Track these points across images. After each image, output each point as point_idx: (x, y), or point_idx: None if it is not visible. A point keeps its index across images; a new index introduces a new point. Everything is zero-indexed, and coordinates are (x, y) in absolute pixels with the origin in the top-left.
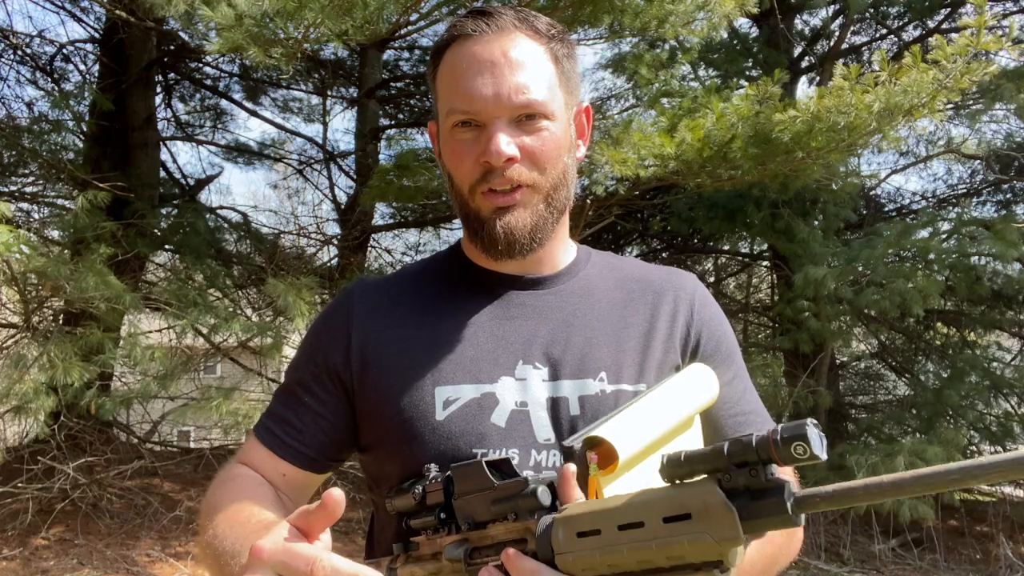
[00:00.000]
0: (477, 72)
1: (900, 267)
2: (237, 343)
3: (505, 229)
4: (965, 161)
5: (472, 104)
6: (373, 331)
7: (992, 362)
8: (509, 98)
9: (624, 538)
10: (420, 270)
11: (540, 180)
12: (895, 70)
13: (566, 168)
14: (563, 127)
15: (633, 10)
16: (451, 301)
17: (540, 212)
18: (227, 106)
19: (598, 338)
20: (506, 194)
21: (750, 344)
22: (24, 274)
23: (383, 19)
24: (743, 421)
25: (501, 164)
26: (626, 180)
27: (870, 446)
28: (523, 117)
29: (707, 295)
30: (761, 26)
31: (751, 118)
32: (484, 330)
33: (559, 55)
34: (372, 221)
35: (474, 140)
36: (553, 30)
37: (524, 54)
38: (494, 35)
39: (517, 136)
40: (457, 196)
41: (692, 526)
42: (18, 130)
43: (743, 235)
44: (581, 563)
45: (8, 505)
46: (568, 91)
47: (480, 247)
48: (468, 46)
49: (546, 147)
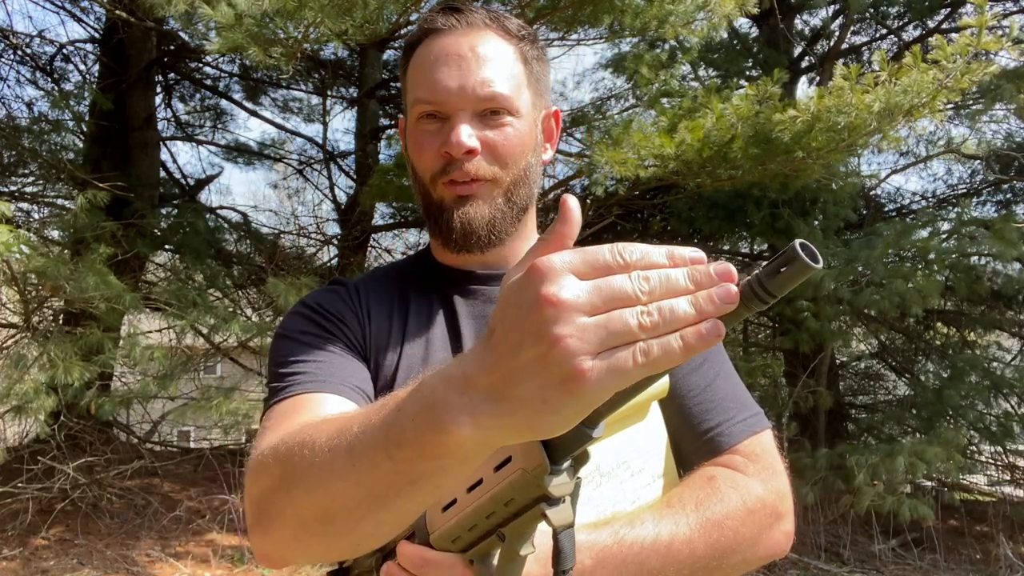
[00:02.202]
0: (443, 64)
1: (900, 267)
2: (237, 343)
3: (463, 220)
4: (965, 161)
5: (436, 95)
6: (371, 329)
7: (992, 362)
8: (474, 91)
9: (470, 498)
10: (390, 272)
11: (500, 175)
12: (895, 70)
13: (528, 167)
14: (528, 125)
15: (633, 10)
16: (417, 301)
17: (499, 207)
18: (227, 106)
19: None
20: (466, 184)
21: (750, 344)
22: (24, 274)
23: (383, 19)
24: (710, 408)
25: (461, 155)
26: (626, 180)
27: (870, 446)
28: (487, 112)
29: None
30: (761, 26)
31: (751, 118)
32: (442, 329)
33: (528, 56)
34: (372, 221)
35: (437, 132)
36: (524, 32)
37: (492, 50)
38: (464, 31)
39: (480, 129)
40: (419, 187)
41: (512, 466)
42: (18, 130)
43: (743, 235)
44: (449, 535)
45: (8, 505)
46: (536, 92)
47: (440, 239)
48: (438, 40)
49: (508, 142)
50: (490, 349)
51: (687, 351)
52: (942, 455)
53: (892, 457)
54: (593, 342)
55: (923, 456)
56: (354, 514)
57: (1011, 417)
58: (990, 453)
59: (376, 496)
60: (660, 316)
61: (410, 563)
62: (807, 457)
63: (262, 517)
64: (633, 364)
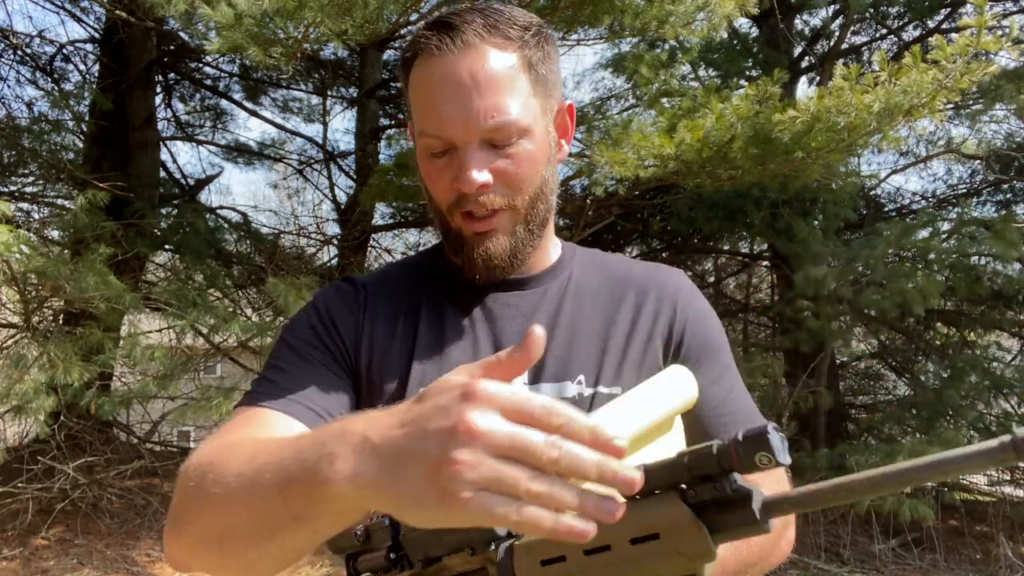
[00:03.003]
0: (445, 98)
1: (900, 267)
2: (237, 343)
3: (483, 256)
4: (965, 161)
5: (442, 130)
6: (374, 336)
7: (992, 362)
8: (478, 122)
9: (593, 563)
10: (402, 272)
11: (517, 201)
12: (895, 70)
13: (544, 182)
14: (540, 138)
15: (633, 10)
16: (432, 303)
17: (519, 235)
18: (227, 106)
19: (579, 339)
20: (484, 219)
21: (750, 344)
22: (24, 274)
23: (383, 19)
24: (729, 422)
25: (473, 191)
26: (626, 180)
27: (870, 446)
28: (495, 139)
29: (693, 292)
30: (761, 26)
31: (751, 118)
32: (465, 333)
33: (533, 60)
34: (372, 221)
35: (446, 165)
36: (526, 33)
37: (493, 71)
38: (460, 53)
39: (491, 159)
40: (436, 211)
41: (662, 545)
42: (18, 130)
43: (743, 235)
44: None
45: (8, 505)
46: (545, 95)
47: (460, 265)
48: (433, 65)
49: (520, 168)
50: (401, 421)
51: (551, 532)
52: None
53: (892, 457)
54: (481, 480)
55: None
56: (243, 541)
57: (1011, 417)
58: None
59: (264, 527)
60: (548, 490)
61: None
62: (807, 457)
63: (174, 523)
64: (504, 514)
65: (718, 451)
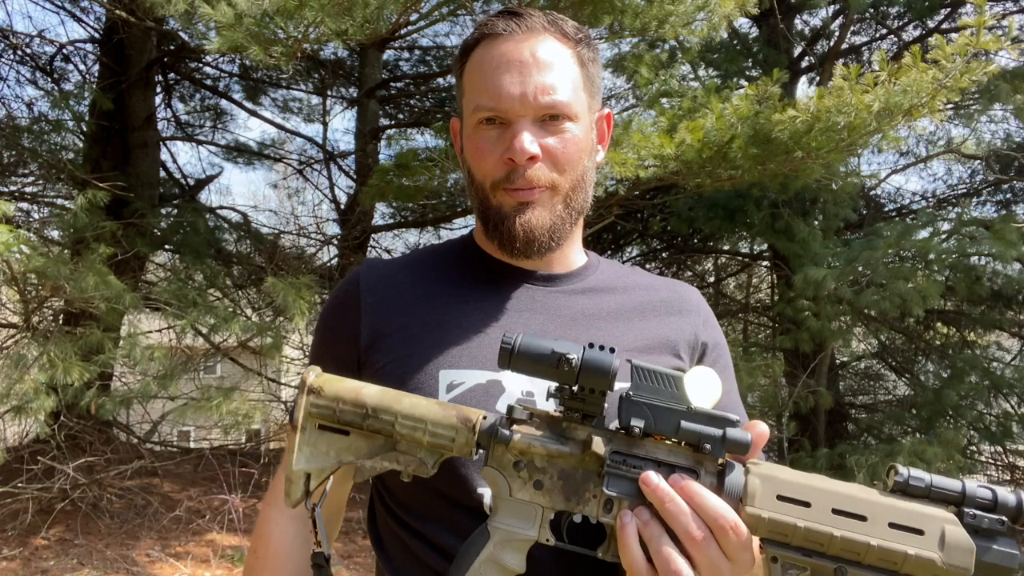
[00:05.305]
0: (505, 71)
1: (900, 267)
2: (237, 343)
3: (525, 227)
4: (965, 161)
5: (499, 102)
6: (381, 321)
7: (992, 362)
8: (535, 97)
9: (838, 523)
10: (432, 256)
11: (560, 181)
12: (895, 70)
13: (585, 171)
14: (585, 130)
15: (633, 11)
16: (462, 289)
17: (559, 212)
18: (227, 106)
19: (604, 340)
20: (526, 191)
21: (750, 344)
22: (24, 274)
23: (383, 19)
24: None
25: (524, 162)
26: (626, 180)
27: (870, 446)
28: (547, 117)
29: (710, 310)
30: (761, 26)
31: (751, 118)
32: (494, 320)
33: (585, 59)
34: (372, 221)
35: (498, 138)
36: (580, 34)
37: (552, 55)
38: (524, 35)
39: (541, 136)
40: (478, 191)
41: (924, 542)
42: (18, 130)
43: (743, 235)
44: (774, 525)
45: (8, 505)
46: (591, 95)
47: (498, 243)
48: (497, 45)
49: (568, 149)
50: None
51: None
52: (942, 455)
53: (892, 457)
54: None
55: (923, 456)
56: None
57: (1011, 417)
58: (990, 453)
59: None
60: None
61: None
62: (807, 457)
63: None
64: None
65: (1018, 501)
